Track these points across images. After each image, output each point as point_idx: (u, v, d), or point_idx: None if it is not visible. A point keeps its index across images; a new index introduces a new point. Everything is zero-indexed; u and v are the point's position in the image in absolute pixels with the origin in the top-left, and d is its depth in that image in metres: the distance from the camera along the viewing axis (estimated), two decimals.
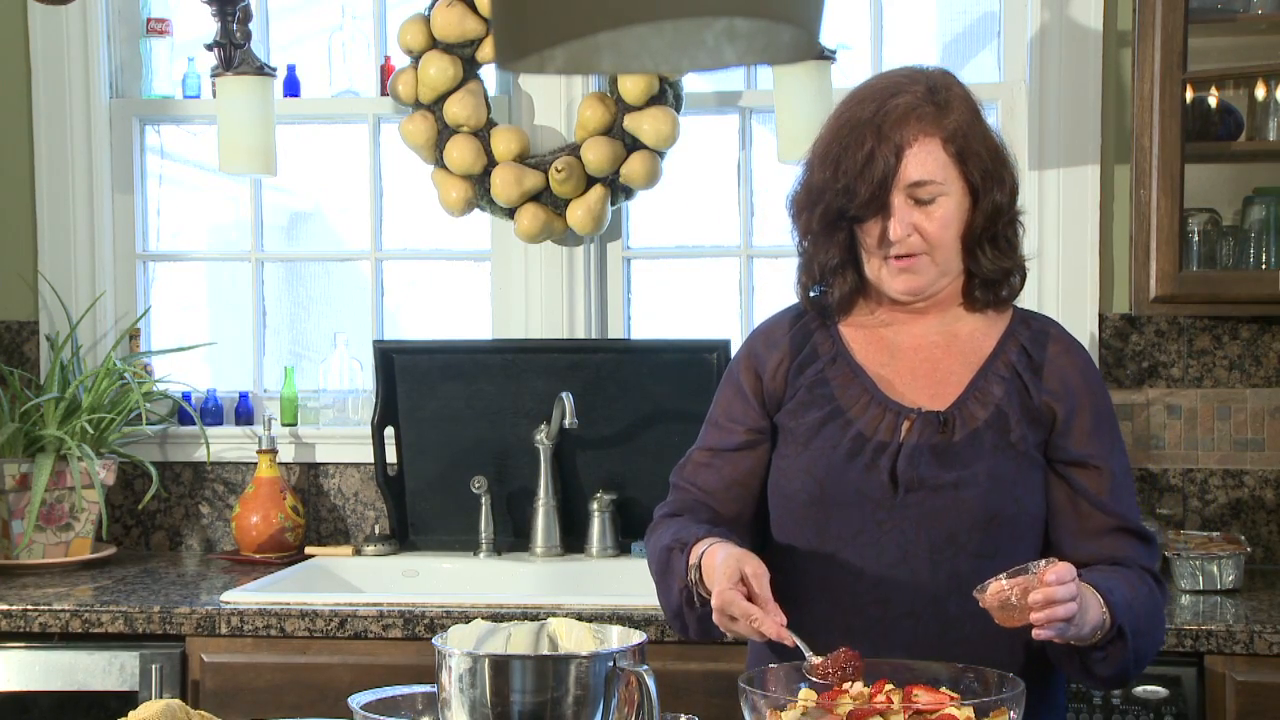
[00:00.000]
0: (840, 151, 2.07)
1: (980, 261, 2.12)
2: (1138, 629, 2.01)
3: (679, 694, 2.78)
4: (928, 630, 2.05)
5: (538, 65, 1.20)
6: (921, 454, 2.07)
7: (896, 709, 1.71)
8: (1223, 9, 3.21)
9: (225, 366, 3.83)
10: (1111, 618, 1.96)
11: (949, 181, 2.07)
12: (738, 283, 3.66)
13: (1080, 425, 2.11)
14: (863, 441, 2.09)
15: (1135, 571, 2.07)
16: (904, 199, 2.06)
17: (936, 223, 2.07)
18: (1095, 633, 1.95)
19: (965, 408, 2.09)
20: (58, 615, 3.00)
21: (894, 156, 2.04)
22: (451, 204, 3.56)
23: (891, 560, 2.06)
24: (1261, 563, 3.39)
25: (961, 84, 2.13)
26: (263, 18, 3.75)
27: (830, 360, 2.15)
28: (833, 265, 2.14)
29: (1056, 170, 3.44)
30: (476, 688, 1.69)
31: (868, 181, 2.04)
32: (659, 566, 2.13)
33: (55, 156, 3.71)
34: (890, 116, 2.05)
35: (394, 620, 2.94)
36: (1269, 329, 3.41)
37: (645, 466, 3.48)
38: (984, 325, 2.17)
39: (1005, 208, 2.11)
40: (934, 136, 2.06)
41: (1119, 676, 2.04)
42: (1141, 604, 2.03)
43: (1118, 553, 2.08)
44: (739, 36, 1.21)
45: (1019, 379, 2.11)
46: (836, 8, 3.60)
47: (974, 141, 2.08)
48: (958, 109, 2.08)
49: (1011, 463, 2.07)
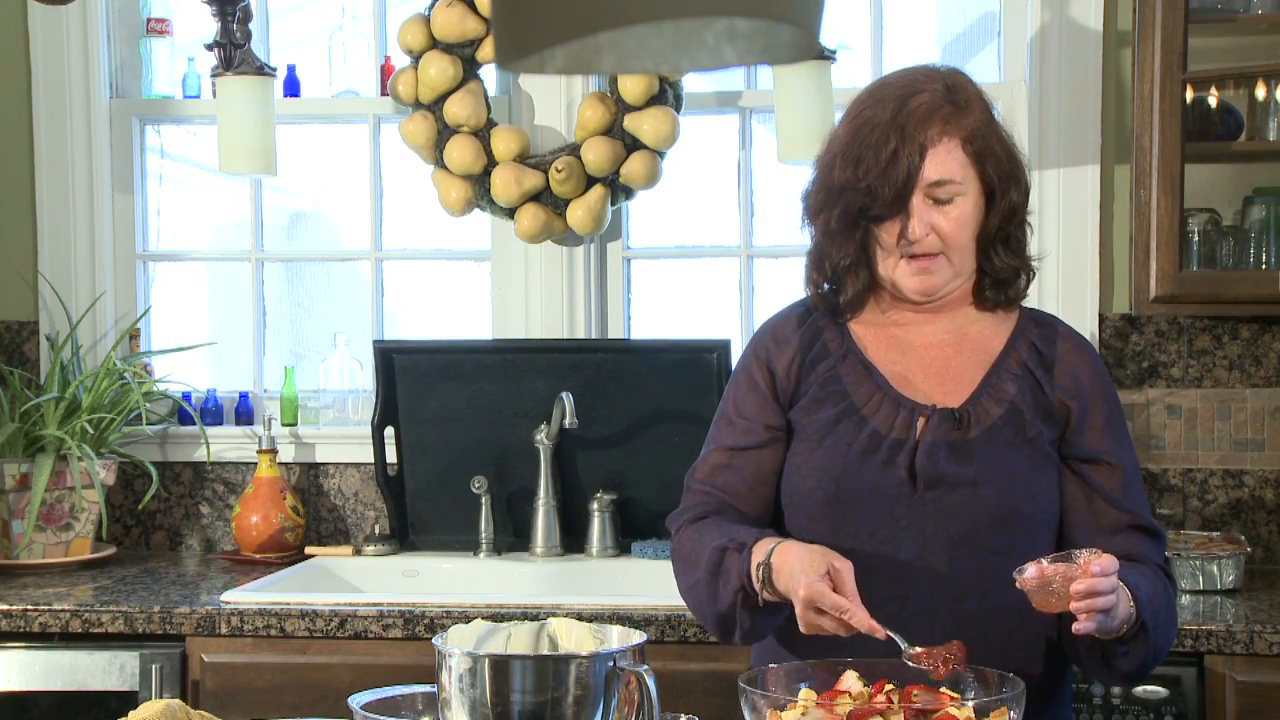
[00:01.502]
0: (861, 150, 2.06)
1: (994, 261, 2.13)
2: (1158, 624, 2.02)
3: (679, 694, 2.78)
4: (945, 626, 2.04)
5: (538, 65, 1.20)
6: (939, 450, 2.06)
7: (896, 709, 1.71)
8: (1223, 9, 3.21)
9: (225, 366, 3.83)
10: (1137, 612, 1.97)
11: (967, 181, 2.07)
12: (738, 283, 3.66)
13: (1093, 422, 2.12)
14: (879, 439, 2.09)
15: (1151, 567, 2.09)
16: (923, 198, 2.06)
17: (954, 223, 2.07)
18: (1122, 626, 1.96)
19: (980, 404, 2.10)
20: (58, 615, 3.00)
21: (918, 156, 2.04)
22: (451, 204, 3.56)
23: (909, 557, 2.06)
24: (1261, 563, 3.39)
25: (975, 83, 2.14)
26: (263, 18, 3.75)
27: (841, 357, 2.15)
28: (846, 264, 2.14)
29: (1056, 170, 3.44)
30: (476, 688, 1.69)
31: (891, 181, 2.04)
32: (709, 569, 2.06)
33: (55, 156, 3.71)
34: (914, 116, 2.05)
35: (394, 620, 2.94)
36: (1269, 329, 3.41)
37: (645, 466, 3.48)
38: (993, 324, 2.17)
39: (1020, 207, 2.12)
40: (955, 136, 2.07)
41: (1138, 671, 2.06)
42: (1160, 599, 2.05)
43: (1132, 549, 2.09)
44: (739, 36, 1.21)
45: (1031, 375, 2.12)
46: (836, 8, 3.60)
47: (992, 142, 2.09)
48: (976, 109, 2.09)
49: (1028, 459, 2.08)
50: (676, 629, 2.86)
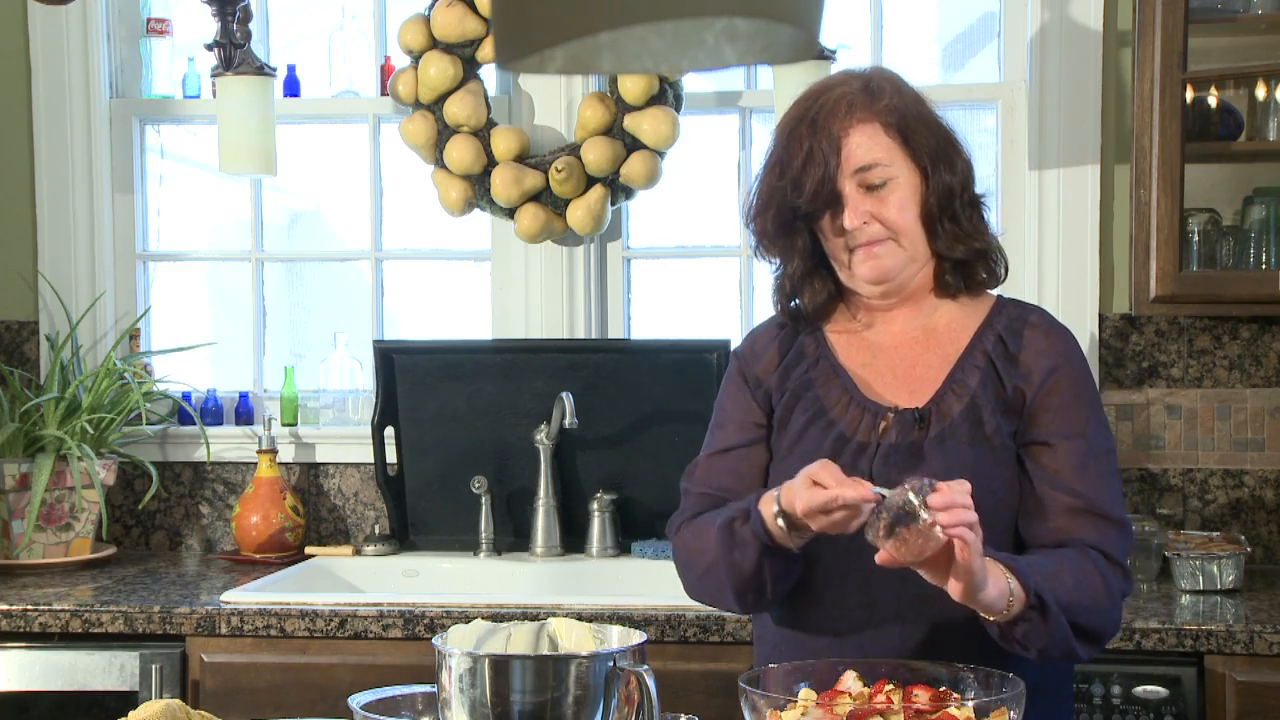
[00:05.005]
0: (781, 154, 2.09)
1: (942, 240, 2.11)
2: (1069, 603, 1.93)
3: (679, 694, 2.78)
4: (916, 632, 2.04)
5: (538, 65, 1.20)
6: (898, 453, 2.05)
7: (896, 709, 1.71)
8: (1223, 9, 3.21)
9: (225, 366, 3.83)
10: (1023, 585, 1.89)
11: (895, 163, 2.07)
12: (738, 283, 3.66)
13: (1046, 404, 2.06)
14: (844, 443, 2.08)
15: (1076, 550, 2.00)
16: (854, 187, 2.06)
17: (893, 207, 2.06)
18: (1006, 600, 1.89)
19: (942, 402, 2.08)
20: (58, 615, 3.00)
21: (830, 146, 2.05)
22: (451, 204, 3.56)
23: (875, 563, 2.04)
24: (1261, 563, 3.39)
25: (898, 76, 2.14)
26: (263, 18, 3.75)
27: (814, 362, 2.16)
28: (800, 274, 2.15)
29: (1056, 170, 3.44)
30: (476, 688, 1.69)
31: (811, 176, 2.05)
32: (722, 545, 2.04)
33: (55, 156, 3.71)
34: (824, 110, 2.07)
35: (394, 620, 2.94)
36: (1269, 329, 3.41)
37: (645, 466, 3.48)
38: (962, 316, 2.15)
39: (956, 189, 2.09)
40: (871, 121, 2.07)
41: (1058, 650, 1.96)
42: (1071, 576, 1.95)
43: (1070, 534, 2.02)
44: (739, 36, 1.21)
45: (993, 367, 2.09)
46: (836, 8, 3.60)
47: (914, 121, 2.08)
48: (890, 93, 2.09)
49: (987, 455, 2.05)
50: (676, 629, 2.86)
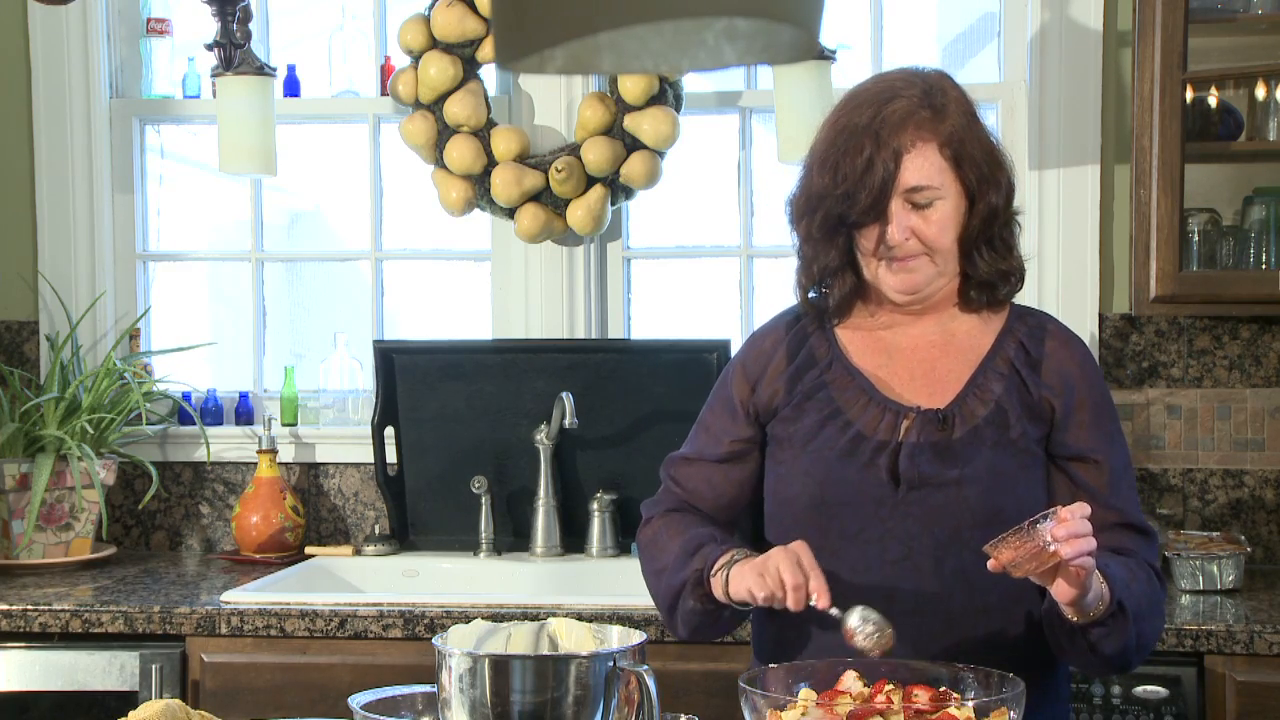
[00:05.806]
0: (839, 158, 2.07)
1: (977, 264, 2.12)
2: (1139, 610, 2.01)
3: (679, 694, 2.78)
4: (932, 627, 2.05)
5: (538, 65, 1.20)
6: (922, 451, 2.07)
7: (896, 709, 1.71)
8: (1223, 9, 3.21)
9: (225, 366, 3.83)
10: (1110, 590, 1.95)
11: (945, 186, 2.07)
12: (738, 283, 3.66)
13: (1079, 419, 2.11)
14: (861, 440, 2.09)
15: (1136, 560, 2.08)
16: (901, 204, 2.06)
17: (934, 227, 2.07)
18: (1098, 604, 1.95)
19: (965, 405, 2.10)
20: (58, 615, 3.00)
21: (893, 162, 2.04)
22: (451, 204, 3.56)
23: (895, 558, 2.06)
24: (1261, 563, 3.38)
25: (957, 86, 2.13)
26: (263, 18, 3.75)
27: (827, 364, 2.16)
28: (832, 268, 2.15)
29: (1056, 170, 3.44)
30: (476, 688, 1.69)
31: (867, 188, 2.04)
32: (683, 552, 2.14)
33: (55, 156, 3.71)
34: (888, 122, 2.05)
35: (394, 620, 2.94)
36: (1269, 329, 3.41)
37: (645, 466, 3.47)
38: (980, 324, 2.17)
39: (1001, 210, 2.11)
40: (931, 142, 2.06)
41: (1122, 657, 2.03)
42: (1141, 587, 2.03)
43: (1120, 547, 2.08)
44: (739, 36, 1.21)
45: (1017, 374, 2.12)
46: (836, 8, 3.60)
47: (970, 145, 2.08)
48: (954, 113, 2.08)
49: (1012, 459, 2.08)
50: None
